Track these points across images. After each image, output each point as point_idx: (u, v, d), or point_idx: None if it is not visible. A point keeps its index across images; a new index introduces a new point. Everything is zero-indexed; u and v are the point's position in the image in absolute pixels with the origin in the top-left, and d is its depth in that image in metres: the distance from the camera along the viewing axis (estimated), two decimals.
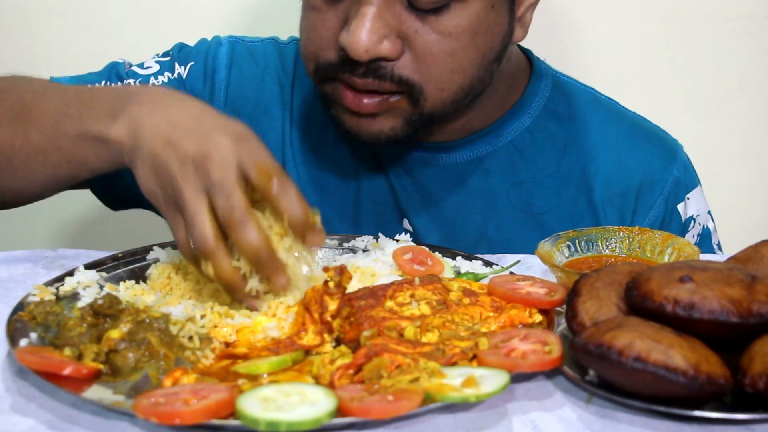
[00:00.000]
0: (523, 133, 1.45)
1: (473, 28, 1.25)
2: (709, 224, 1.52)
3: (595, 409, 0.92)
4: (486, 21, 1.26)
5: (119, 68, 1.49)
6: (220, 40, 1.52)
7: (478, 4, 1.24)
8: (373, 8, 1.20)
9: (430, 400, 0.87)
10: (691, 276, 0.92)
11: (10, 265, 1.25)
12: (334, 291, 1.03)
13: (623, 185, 1.46)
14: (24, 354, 0.95)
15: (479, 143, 1.44)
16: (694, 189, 1.51)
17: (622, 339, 0.88)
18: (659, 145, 1.50)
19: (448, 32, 1.23)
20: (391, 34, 1.22)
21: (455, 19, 1.23)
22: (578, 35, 2.00)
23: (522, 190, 1.45)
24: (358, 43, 1.20)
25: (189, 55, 1.50)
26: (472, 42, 1.26)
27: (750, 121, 2.07)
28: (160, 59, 1.51)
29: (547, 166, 1.46)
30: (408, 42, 1.23)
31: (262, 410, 0.83)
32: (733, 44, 2.02)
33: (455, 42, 1.24)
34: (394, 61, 1.24)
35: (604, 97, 1.53)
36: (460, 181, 1.45)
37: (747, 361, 0.89)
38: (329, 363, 0.97)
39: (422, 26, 1.23)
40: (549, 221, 1.43)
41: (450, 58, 1.25)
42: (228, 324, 1.04)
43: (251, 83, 1.50)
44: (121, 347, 0.98)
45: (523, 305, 1.07)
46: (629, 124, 1.51)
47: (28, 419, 0.89)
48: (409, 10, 1.22)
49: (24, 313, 1.06)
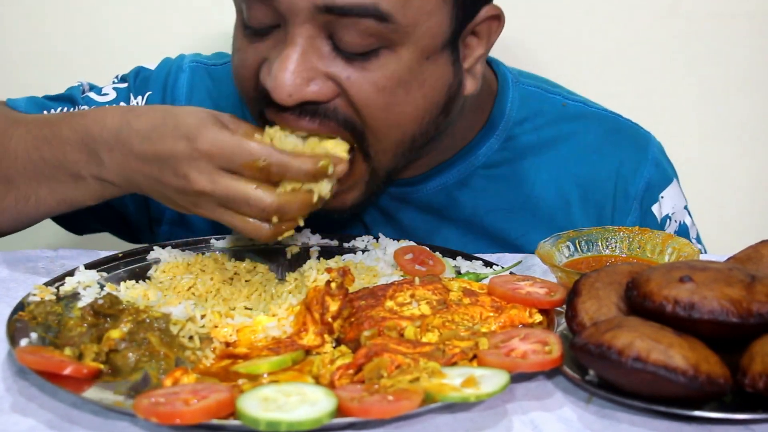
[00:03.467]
0: (491, 156, 1.40)
1: (406, 82, 1.17)
2: (686, 219, 1.50)
3: (595, 409, 0.92)
4: (420, 74, 1.18)
5: (75, 93, 1.44)
6: (182, 64, 1.46)
7: (410, 56, 1.16)
8: (297, 49, 1.13)
9: (430, 400, 0.87)
10: (691, 276, 0.92)
11: (11, 265, 1.26)
12: (336, 292, 1.03)
13: (598, 197, 1.43)
14: (24, 354, 0.95)
15: (446, 173, 1.39)
16: (668, 186, 1.47)
17: (622, 339, 0.88)
18: (629, 147, 1.46)
19: (381, 85, 1.15)
20: (317, 77, 1.14)
21: (385, 70, 1.15)
22: (579, 33, 1.99)
23: (496, 216, 1.41)
24: (282, 87, 1.12)
25: (147, 82, 1.45)
26: (408, 97, 1.18)
27: (751, 120, 2.07)
28: (118, 86, 1.46)
29: (520, 188, 1.41)
30: (342, 87, 1.16)
31: (262, 410, 0.83)
32: (735, 42, 2.01)
33: (389, 96, 1.16)
34: (327, 104, 1.16)
35: (573, 102, 1.48)
36: (433, 212, 1.41)
37: (747, 361, 0.89)
38: (329, 363, 0.97)
39: (354, 72, 1.15)
40: (528, 245, 1.37)
41: (385, 112, 1.17)
42: (228, 324, 1.04)
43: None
44: (121, 347, 0.98)
45: (523, 305, 1.07)
46: (599, 129, 1.46)
47: (28, 419, 0.89)
48: (336, 52, 1.14)
49: (24, 312, 1.06)
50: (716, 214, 1.54)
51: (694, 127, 2.02)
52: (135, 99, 1.44)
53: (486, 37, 1.25)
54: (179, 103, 1.44)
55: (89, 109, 1.30)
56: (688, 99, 2.04)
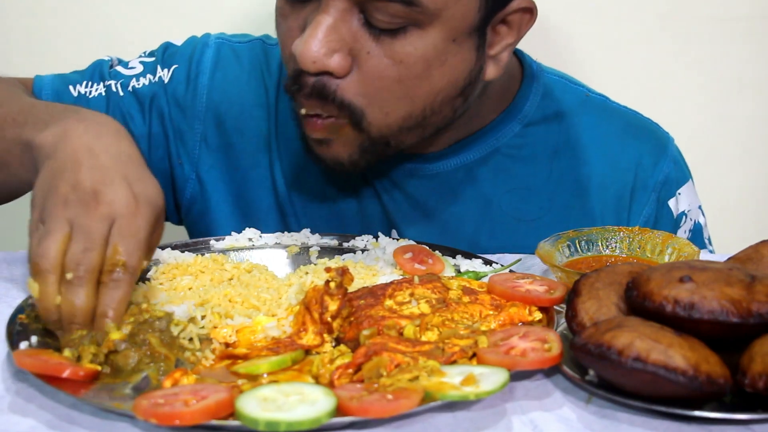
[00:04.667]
0: (513, 139, 1.43)
1: (428, 59, 1.21)
2: (700, 219, 1.52)
3: (595, 409, 0.92)
4: (444, 54, 1.21)
5: (103, 67, 1.48)
6: (207, 41, 1.50)
7: (437, 35, 1.20)
8: (329, 19, 1.17)
9: (429, 398, 0.87)
10: (691, 276, 0.92)
11: (11, 266, 1.26)
12: (335, 292, 1.03)
13: (617, 186, 1.45)
14: (22, 357, 0.95)
15: (468, 150, 1.42)
16: (685, 184, 1.50)
17: (622, 339, 0.88)
18: (650, 142, 1.49)
19: (399, 59, 1.20)
20: (342, 50, 1.19)
21: (409, 47, 1.19)
22: (577, 34, 2.00)
23: (514, 196, 1.43)
24: (309, 52, 1.17)
25: (174, 56, 1.49)
26: (425, 73, 1.22)
27: (750, 122, 2.07)
28: (145, 59, 1.50)
29: (538, 172, 1.44)
30: (358, 62, 1.20)
31: (261, 410, 0.83)
32: (733, 44, 2.02)
33: (405, 70, 1.20)
34: (339, 80, 1.21)
35: (595, 95, 1.51)
36: (449, 190, 1.43)
37: (747, 361, 0.89)
38: (329, 362, 0.97)
39: (375, 47, 1.19)
40: (542, 228, 1.40)
41: (397, 84, 1.21)
42: (228, 325, 1.04)
43: (235, 87, 1.48)
44: (121, 348, 0.98)
45: (523, 303, 1.07)
46: (620, 122, 1.49)
47: (27, 419, 0.89)
48: (365, 27, 1.19)
49: (24, 315, 1.06)
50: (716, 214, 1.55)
51: (694, 127, 2.02)
52: (161, 72, 1.47)
53: (517, 27, 1.28)
54: (204, 77, 1.47)
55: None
56: (688, 100, 2.04)
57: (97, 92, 1.45)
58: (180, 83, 1.47)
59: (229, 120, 1.47)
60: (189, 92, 1.47)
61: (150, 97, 1.46)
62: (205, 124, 1.47)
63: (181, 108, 1.46)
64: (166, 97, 1.46)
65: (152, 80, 1.46)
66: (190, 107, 1.46)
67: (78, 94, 1.45)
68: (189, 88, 1.47)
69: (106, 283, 1.00)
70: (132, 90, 1.46)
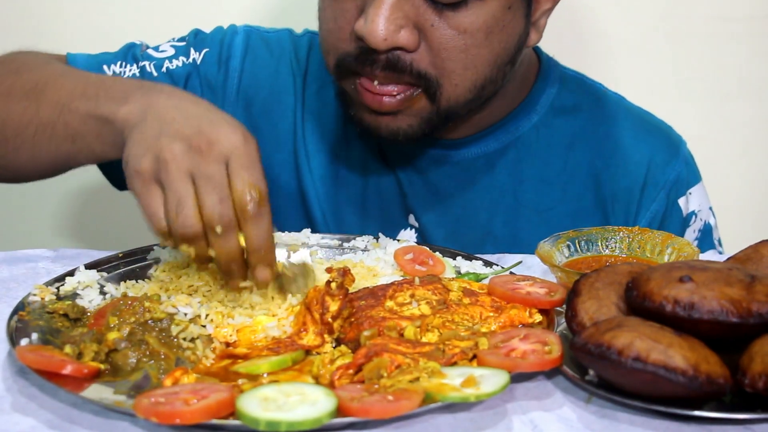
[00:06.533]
0: (530, 130, 1.46)
1: (488, 27, 1.25)
2: (710, 220, 1.54)
3: (595, 408, 0.92)
4: (502, 21, 1.26)
5: (135, 49, 1.49)
6: (236, 28, 1.52)
7: (496, 4, 1.25)
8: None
9: (430, 400, 0.88)
10: (690, 276, 0.92)
11: (11, 265, 1.26)
12: (336, 292, 1.03)
13: (629, 180, 1.47)
14: (24, 353, 0.95)
15: (488, 140, 1.44)
16: (696, 184, 1.52)
17: (622, 339, 0.88)
18: (663, 140, 1.51)
19: (463, 28, 1.24)
20: (408, 25, 1.22)
21: (472, 17, 1.24)
22: (577, 34, 2.00)
23: (528, 187, 1.46)
24: (376, 31, 1.20)
25: (204, 41, 1.51)
26: (486, 41, 1.26)
27: (750, 122, 2.07)
28: (176, 44, 1.51)
29: (553, 163, 1.46)
30: (424, 35, 1.24)
31: (262, 410, 0.83)
32: (733, 44, 2.02)
33: (470, 39, 1.25)
34: (412, 54, 1.24)
35: (612, 93, 1.54)
36: (467, 178, 1.46)
37: (747, 361, 0.89)
38: (329, 363, 0.97)
39: (438, 20, 1.23)
40: (555, 218, 1.44)
41: (463, 54, 1.25)
42: (229, 324, 1.04)
43: (265, 72, 1.50)
44: (121, 347, 0.98)
45: (523, 305, 1.07)
46: (635, 119, 1.52)
47: (28, 419, 0.89)
48: (428, 2, 1.22)
49: (24, 312, 1.06)
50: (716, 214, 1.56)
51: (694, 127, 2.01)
52: (194, 54, 1.49)
53: None
54: (235, 60, 1.49)
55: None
56: (688, 101, 2.04)
57: (131, 72, 1.46)
58: (212, 65, 1.49)
59: (257, 104, 1.49)
60: (221, 74, 1.49)
61: (185, 77, 1.47)
62: (234, 107, 1.48)
63: (212, 89, 1.48)
64: (199, 78, 1.48)
65: (185, 62, 1.48)
66: (221, 89, 1.48)
67: (113, 74, 1.45)
68: (221, 70, 1.49)
69: (248, 219, 1.02)
70: (166, 71, 1.46)
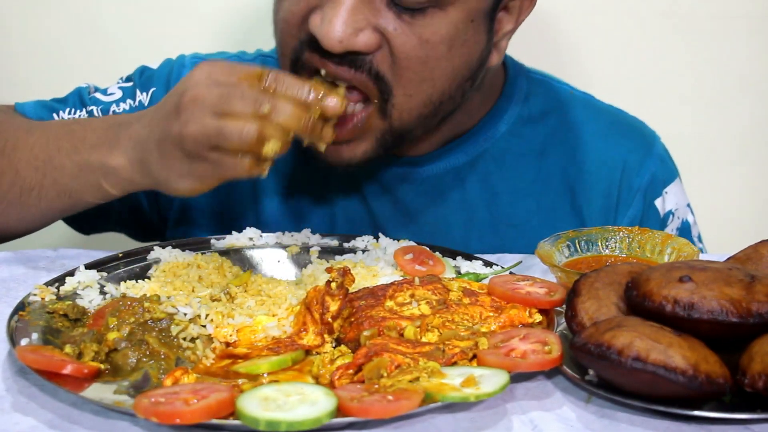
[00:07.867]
0: (499, 141, 1.42)
1: (451, 39, 1.21)
2: (688, 217, 1.51)
3: (595, 408, 0.92)
4: (464, 34, 1.22)
5: (83, 93, 1.46)
6: (183, 61, 1.48)
7: (457, 15, 1.21)
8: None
9: (429, 399, 0.88)
10: (690, 276, 0.92)
11: (11, 265, 1.26)
12: (336, 292, 1.03)
13: (603, 185, 1.45)
14: (25, 352, 0.95)
15: (455, 153, 1.41)
16: (672, 182, 1.49)
17: (622, 339, 0.88)
18: (636, 140, 1.48)
19: (425, 38, 1.20)
20: (367, 28, 1.18)
21: (434, 27, 1.20)
22: (578, 33, 2.00)
23: (501, 200, 1.43)
24: (332, 33, 1.16)
25: (151, 79, 1.47)
26: (448, 54, 1.22)
27: (750, 121, 2.07)
28: (123, 85, 1.48)
29: (525, 173, 1.43)
30: (386, 39, 1.20)
31: (262, 410, 0.83)
32: (733, 43, 2.02)
33: (431, 50, 1.21)
34: (371, 54, 1.20)
35: (579, 93, 1.51)
36: (437, 194, 1.42)
37: (746, 361, 0.89)
38: (329, 363, 0.97)
39: (401, 25, 1.19)
40: (530, 231, 1.40)
41: (423, 65, 1.21)
42: (229, 324, 1.04)
43: None
44: (121, 347, 0.98)
45: (523, 305, 1.07)
46: (605, 119, 1.49)
47: (29, 418, 0.89)
48: (388, 6, 1.18)
49: (25, 312, 1.06)
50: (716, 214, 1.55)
51: (694, 127, 2.02)
52: (140, 95, 1.46)
53: (516, 14, 1.29)
54: None
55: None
56: (688, 100, 2.04)
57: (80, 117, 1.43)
58: None
59: None
60: None
61: None
62: None
63: None
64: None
65: (132, 105, 1.45)
66: None
67: None
68: None
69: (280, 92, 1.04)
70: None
